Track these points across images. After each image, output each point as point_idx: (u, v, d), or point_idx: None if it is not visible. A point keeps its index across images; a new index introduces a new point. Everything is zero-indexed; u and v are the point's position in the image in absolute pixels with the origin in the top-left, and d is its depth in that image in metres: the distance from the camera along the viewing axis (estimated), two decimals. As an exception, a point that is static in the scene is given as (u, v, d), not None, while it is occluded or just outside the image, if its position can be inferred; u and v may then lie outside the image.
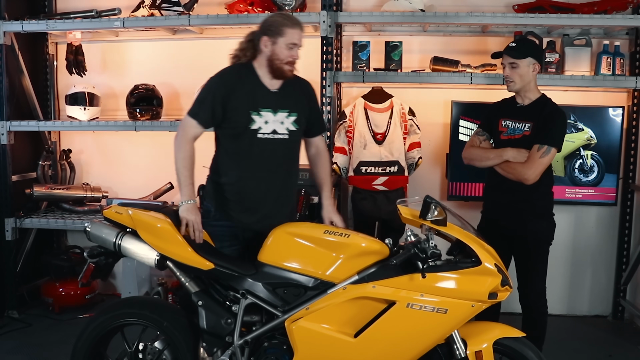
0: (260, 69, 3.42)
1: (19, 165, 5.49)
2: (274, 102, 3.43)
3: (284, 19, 3.38)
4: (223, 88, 3.36)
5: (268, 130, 3.41)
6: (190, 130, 3.39)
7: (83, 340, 3.23)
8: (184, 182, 3.37)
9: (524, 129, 3.81)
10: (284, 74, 3.40)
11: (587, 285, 5.48)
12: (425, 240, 2.86)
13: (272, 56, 3.35)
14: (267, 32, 3.34)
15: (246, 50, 3.46)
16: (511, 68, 3.79)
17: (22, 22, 5.18)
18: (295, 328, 2.94)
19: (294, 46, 3.36)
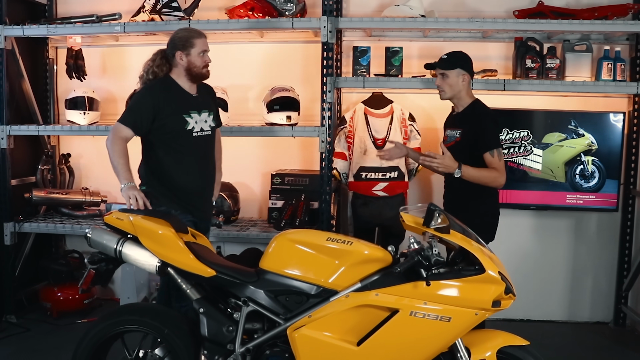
0: (179, 79, 3.93)
1: (18, 169, 5.48)
2: (198, 105, 3.98)
3: (190, 33, 3.93)
4: (152, 99, 3.81)
5: (198, 129, 3.95)
6: (123, 132, 3.79)
7: (83, 347, 3.21)
8: (121, 169, 3.71)
9: (456, 136, 4.03)
10: (204, 76, 3.97)
11: (588, 291, 5.46)
12: (428, 248, 2.85)
13: (189, 66, 3.88)
14: (180, 48, 3.86)
15: (162, 65, 3.94)
16: (442, 78, 4.04)
17: (22, 27, 5.17)
18: (298, 336, 2.91)
19: (205, 52, 3.91)
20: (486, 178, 3.86)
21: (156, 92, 3.86)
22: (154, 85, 3.90)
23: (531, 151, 5.03)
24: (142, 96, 3.89)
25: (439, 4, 5.24)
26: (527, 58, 4.92)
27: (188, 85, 3.95)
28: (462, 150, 3.90)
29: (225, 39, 5.46)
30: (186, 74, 3.91)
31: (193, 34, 3.91)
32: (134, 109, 3.87)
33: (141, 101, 3.86)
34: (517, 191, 5.10)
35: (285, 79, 5.31)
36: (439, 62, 4.07)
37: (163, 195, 3.88)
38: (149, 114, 3.79)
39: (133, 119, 3.81)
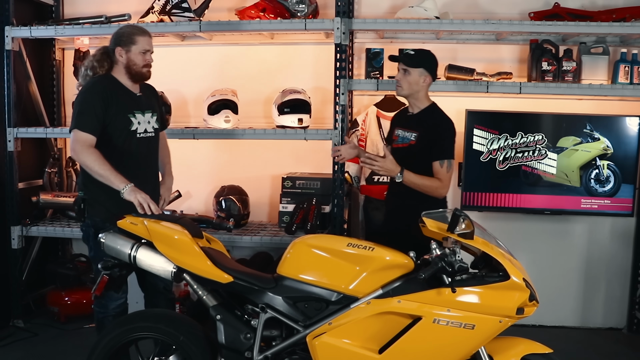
0: (120, 77, 3.80)
1: (25, 172, 5.42)
2: (141, 105, 3.87)
3: (133, 29, 3.81)
4: (98, 98, 3.64)
5: (142, 130, 3.83)
6: (85, 140, 3.60)
7: (97, 354, 3.15)
8: (111, 175, 3.55)
9: (411, 138, 3.86)
10: (143, 76, 3.83)
11: (601, 297, 5.41)
12: (451, 254, 2.80)
13: (129, 63, 3.75)
14: (120, 43, 3.74)
15: (102, 61, 3.79)
16: (403, 74, 3.83)
17: (30, 28, 5.12)
18: (318, 344, 2.87)
19: (147, 52, 3.79)
20: (427, 187, 3.70)
21: (101, 89, 3.69)
22: (96, 83, 3.74)
23: (545, 155, 4.97)
24: (89, 96, 3.67)
25: (453, 5, 5.18)
26: (542, 61, 4.86)
27: (130, 84, 3.82)
28: (416, 154, 3.78)
29: (235, 41, 5.41)
30: (126, 71, 3.77)
31: (136, 31, 3.79)
32: (86, 112, 3.63)
33: (90, 102, 3.65)
34: (531, 195, 5.04)
35: (296, 81, 5.25)
36: (403, 57, 3.91)
37: (102, 201, 3.70)
38: (100, 113, 3.63)
39: (90, 121, 3.62)
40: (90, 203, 3.74)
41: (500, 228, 5.19)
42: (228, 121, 5.05)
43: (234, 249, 5.32)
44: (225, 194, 5.26)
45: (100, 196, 3.69)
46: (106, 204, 3.68)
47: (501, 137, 4.97)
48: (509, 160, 4.99)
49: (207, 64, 5.57)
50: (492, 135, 4.97)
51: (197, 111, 5.43)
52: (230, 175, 5.51)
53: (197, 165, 5.59)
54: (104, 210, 3.69)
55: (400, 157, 3.70)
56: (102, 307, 3.77)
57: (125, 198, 3.51)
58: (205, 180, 5.57)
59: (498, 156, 4.98)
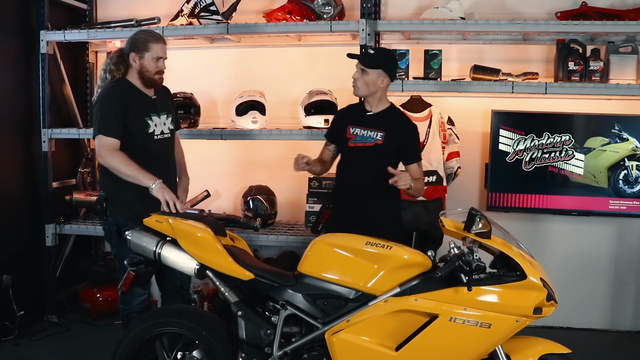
0: (135, 81, 3.87)
1: (59, 172, 5.56)
2: (157, 107, 3.94)
3: (147, 35, 3.84)
4: (117, 102, 3.71)
5: (159, 131, 3.92)
6: (110, 144, 3.68)
7: (122, 348, 3.23)
8: (139, 174, 3.63)
9: (377, 138, 3.79)
10: (155, 83, 3.88)
11: (631, 299, 5.33)
12: (469, 253, 2.81)
13: (141, 69, 3.81)
14: (134, 49, 3.80)
15: (119, 64, 3.88)
16: (361, 73, 3.77)
17: (64, 32, 5.25)
18: (336, 340, 2.90)
19: (160, 59, 3.83)
20: (420, 191, 3.77)
21: (118, 94, 3.76)
22: (114, 88, 3.80)
23: (572, 156, 4.94)
24: (108, 101, 3.74)
25: (479, 6, 5.17)
26: (569, 60, 4.82)
27: (143, 88, 3.90)
28: (384, 154, 3.78)
29: (263, 43, 5.48)
30: (139, 77, 3.84)
31: (150, 38, 3.82)
32: (108, 116, 3.70)
33: (110, 106, 3.72)
34: (558, 196, 5.01)
35: (323, 82, 5.29)
36: (361, 56, 3.85)
37: (124, 200, 3.79)
38: (121, 116, 3.71)
39: (112, 126, 3.69)
40: (112, 202, 3.82)
41: (527, 229, 5.21)
42: (255, 122, 5.11)
43: (261, 248, 5.38)
44: (253, 194, 5.32)
45: (122, 195, 3.78)
46: (128, 203, 3.77)
47: (527, 138, 4.95)
48: (536, 161, 4.97)
49: (235, 66, 5.64)
50: (519, 136, 4.96)
51: (226, 112, 5.50)
52: (258, 175, 5.57)
53: (225, 166, 5.67)
54: (125, 209, 3.78)
55: (363, 156, 3.77)
56: (127, 303, 3.88)
57: (153, 194, 3.58)
58: (234, 180, 5.64)
59: (524, 157, 4.97)
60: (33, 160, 5.36)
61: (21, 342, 4.85)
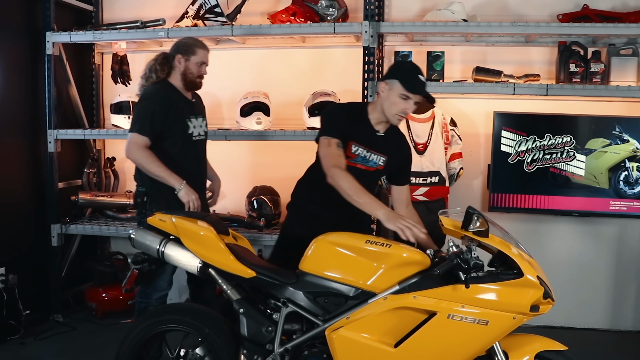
0: (176, 83, 4.07)
1: (65, 172, 5.61)
2: (195, 110, 4.16)
3: (195, 41, 4.10)
4: (158, 105, 3.91)
5: (196, 133, 4.12)
6: (140, 142, 3.89)
7: (126, 345, 3.27)
8: (166, 174, 3.86)
9: (379, 163, 3.55)
10: (196, 85, 4.13)
11: (631, 299, 5.36)
12: (467, 251, 2.84)
13: (185, 71, 4.03)
14: (181, 52, 4.03)
15: (163, 65, 4.06)
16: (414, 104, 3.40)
17: (70, 33, 5.29)
18: (336, 337, 2.93)
19: (203, 64, 4.09)
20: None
21: (160, 96, 3.97)
22: (157, 90, 4.00)
23: (574, 157, 4.97)
24: (148, 103, 3.96)
25: (482, 8, 5.21)
26: (570, 62, 4.85)
27: (184, 90, 4.11)
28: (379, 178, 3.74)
29: (267, 44, 5.52)
30: (182, 78, 4.05)
31: (197, 44, 4.08)
32: (145, 116, 3.92)
33: (149, 108, 3.93)
34: (559, 197, 5.04)
35: (327, 84, 5.33)
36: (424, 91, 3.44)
37: (164, 194, 3.94)
38: (159, 118, 3.90)
39: (147, 126, 3.89)
40: (153, 196, 3.99)
41: (528, 230, 5.24)
42: (259, 123, 5.16)
43: (265, 248, 5.41)
44: (257, 194, 5.36)
45: (162, 190, 3.95)
46: (167, 197, 3.93)
47: (529, 139, 4.99)
48: (537, 162, 5.00)
49: (240, 67, 5.68)
50: (520, 137, 4.99)
51: (230, 113, 5.55)
52: (262, 175, 5.62)
53: (230, 166, 5.69)
54: (166, 203, 3.89)
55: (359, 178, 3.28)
56: (146, 297, 3.99)
57: (179, 196, 3.86)
58: (238, 181, 5.67)
59: (526, 158, 5.00)
60: (39, 161, 5.40)
61: (27, 341, 4.90)
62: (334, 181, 3.23)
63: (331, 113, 3.62)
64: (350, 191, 3.18)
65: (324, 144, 3.39)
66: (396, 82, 3.36)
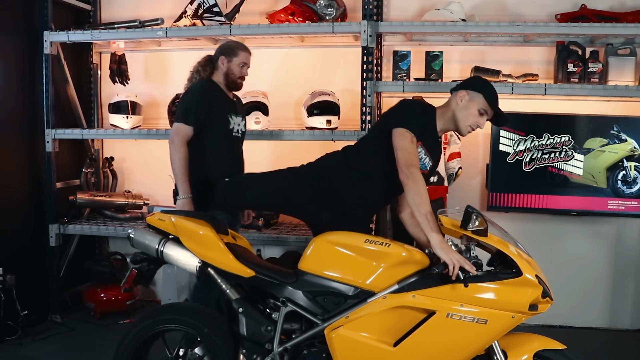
0: (219, 82, 4.21)
1: (63, 172, 5.61)
2: (235, 108, 4.28)
3: (237, 44, 4.27)
4: (204, 97, 4.04)
5: (236, 129, 4.22)
6: (184, 132, 3.97)
7: (125, 344, 3.26)
8: (181, 180, 3.93)
9: (427, 167, 3.48)
10: (237, 86, 4.26)
11: (629, 298, 5.37)
12: (466, 250, 2.85)
13: (227, 72, 4.18)
14: (225, 53, 4.18)
15: (206, 66, 4.23)
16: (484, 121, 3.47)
17: (67, 33, 5.28)
18: (335, 336, 2.93)
19: (244, 65, 4.22)
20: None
21: (205, 90, 4.09)
22: (202, 85, 4.12)
23: (572, 156, 4.98)
24: (194, 94, 4.07)
25: (480, 8, 5.22)
26: (568, 62, 4.86)
27: (226, 89, 4.24)
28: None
29: (266, 44, 5.52)
30: (224, 78, 4.20)
31: (240, 47, 4.23)
32: (190, 107, 4.01)
33: (195, 99, 4.03)
34: (558, 196, 5.05)
35: (326, 83, 5.33)
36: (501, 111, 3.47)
37: (198, 190, 4.00)
38: (203, 110, 4.00)
39: (192, 116, 3.98)
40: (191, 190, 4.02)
41: (527, 229, 5.24)
42: (258, 122, 5.16)
43: (264, 248, 5.42)
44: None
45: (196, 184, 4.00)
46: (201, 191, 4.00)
47: (527, 139, 4.99)
48: (536, 162, 5.00)
49: (239, 67, 5.67)
50: (519, 137, 5.00)
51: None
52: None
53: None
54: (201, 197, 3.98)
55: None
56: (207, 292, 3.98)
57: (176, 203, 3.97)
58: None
59: (524, 157, 5.01)
60: (37, 161, 5.40)
61: (25, 341, 4.89)
62: (410, 181, 3.05)
63: (412, 107, 3.39)
64: (422, 200, 3.00)
65: (405, 136, 3.20)
66: (480, 95, 3.35)
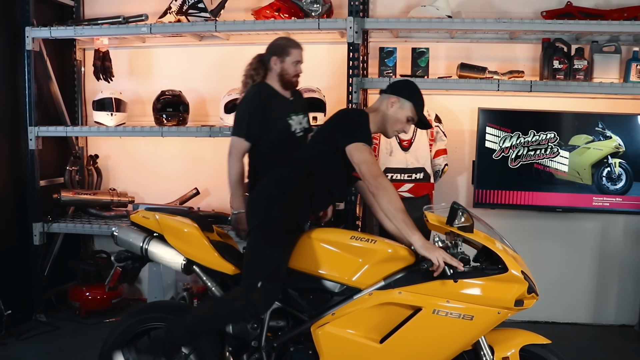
0: (274, 84, 4.17)
1: (47, 170, 5.54)
2: (294, 108, 4.24)
3: (288, 42, 4.19)
4: (254, 107, 4.03)
5: (297, 129, 4.19)
6: (241, 146, 4.04)
7: (110, 343, 3.25)
8: (236, 194, 4.08)
9: None
10: (293, 85, 4.21)
11: (613, 294, 5.40)
12: (453, 246, 2.85)
13: (282, 72, 4.13)
14: (276, 53, 4.12)
15: (258, 69, 4.18)
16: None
17: (50, 28, 5.23)
18: (321, 333, 2.94)
19: (298, 63, 4.16)
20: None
21: (260, 99, 4.07)
22: (256, 93, 4.11)
23: (557, 153, 4.99)
24: (246, 106, 4.07)
25: (466, 4, 5.21)
26: (554, 59, 4.87)
27: (282, 90, 4.19)
28: None
29: (251, 40, 5.48)
30: (279, 79, 4.15)
31: (291, 44, 4.16)
32: (243, 119, 4.03)
33: (248, 110, 4.04)
34: (543, 193, 5.05)
35: (312, 80, 5.30)
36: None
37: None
38: (259, 121, 4.01)
39: (246, 129, 4.01)
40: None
41: (513, 226, 5.25)
42: (242, 119, 5.13)
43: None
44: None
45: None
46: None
47: (513, 135, 5.00)
48: (521, 158, 5.01)
49: (224, 64, 5.64)
50: (505, 134, 5.00)
51: (215, 110, 5.52)
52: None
53: (214, 164, 5.66)
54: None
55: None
56: None
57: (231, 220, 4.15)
58: (223, 178, 5.58)
59: (510, 154, 5.02)
60: (20, 159, 5.34)
61: (9, 341, 4.83)
62: (380, 191, 3.00)
63: (358, 120, 3.31)
64: (395, 207, 2.97)
65: (362, 149, 3.13)
66: (410, 104, 3.38)
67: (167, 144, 5.71)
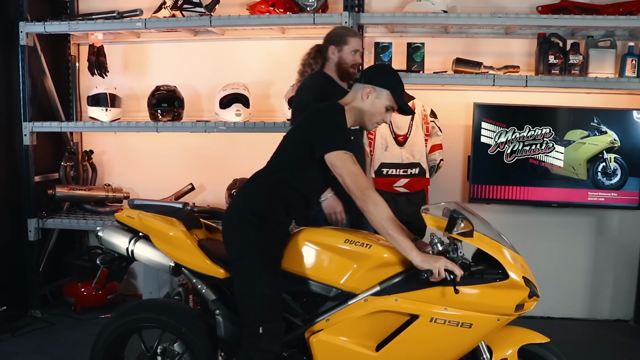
0: (331, 74, 4.08)
1: (42, 166, 5.52)
2: None
3: (346, 30, 4.13)
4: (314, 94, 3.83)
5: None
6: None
7: (101, 342, 3.23)
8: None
9: None
10: (350, 75, 4.06)
11: (608, 289, 5.42)
12: (453, 250, 2.79)
13: (339, 61, 4.04)
14: (334, 42, 4.03)
15: (317, 58, 4.11)
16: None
17: (44, 23, 5.20)
18: (315, 341, 2.88)
19: (356, 52, 4.05)
20: None
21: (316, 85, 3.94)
22: (313, 82, 3.99)
23: (553, 148, 4.98)
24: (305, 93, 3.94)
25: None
26: (549, 54, 4.86)
27: (339, 81, 4.10)
28: None
29: (246, 35, 5.47)
30: (336, 69, 4.06)
31: (349, 32, 4.09)
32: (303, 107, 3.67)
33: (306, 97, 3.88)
34: (539, 188, 5.06)
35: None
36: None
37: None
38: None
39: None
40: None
41: (508, 221, 5.26)
42: (239, 115, 5.12)
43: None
44: (237, 187, 5.31)
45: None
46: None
47: (509, 130, 4.99)
48: (517, 153, 5.01)
49: (219, 59, 5.63)
50: (500, 129, 5.00)
51: (210, 105, 5.51)
52: (243, 168, 5.54)
53: (209, 159, 5.67)
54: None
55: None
56: None
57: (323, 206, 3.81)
58: (218, 173, 5.63)
59: (506, 149, 5.01)
60: (14, 154, 5.32)
61: (4, 337, 4.84)
62: (370, 206, 2.84)
63: (338, 117, 3.09)
64: (388, 222, 2.82)
65: (344, 158, 2.95)
66: (387, 92, 3.07)
67: (162, 140, 5.69)
